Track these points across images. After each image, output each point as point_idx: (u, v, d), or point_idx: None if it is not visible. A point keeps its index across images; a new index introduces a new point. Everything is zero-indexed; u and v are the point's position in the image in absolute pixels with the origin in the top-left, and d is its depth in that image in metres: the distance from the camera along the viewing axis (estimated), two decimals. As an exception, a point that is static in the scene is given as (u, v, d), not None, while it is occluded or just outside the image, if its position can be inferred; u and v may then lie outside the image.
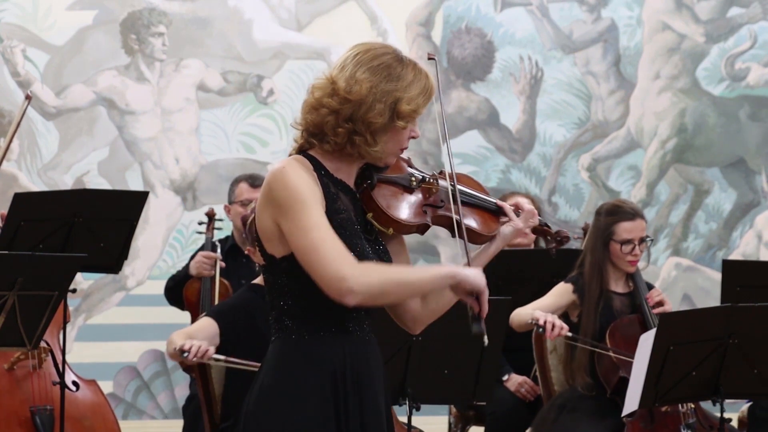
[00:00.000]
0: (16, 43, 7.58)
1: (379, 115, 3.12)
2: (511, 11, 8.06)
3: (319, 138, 3.16)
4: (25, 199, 5.52)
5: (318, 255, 3.04)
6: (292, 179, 3.08)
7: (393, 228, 3.22)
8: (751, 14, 8.27)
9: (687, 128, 8.20)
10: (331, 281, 3.03)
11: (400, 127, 3.16)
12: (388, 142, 3.17)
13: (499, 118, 8.06)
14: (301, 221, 3.06)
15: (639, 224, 5.43)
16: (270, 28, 7.77)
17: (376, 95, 3.12)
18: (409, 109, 3.16)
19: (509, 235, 3.40)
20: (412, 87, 3.16)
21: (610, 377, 5.33)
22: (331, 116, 3.13)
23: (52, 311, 4.90)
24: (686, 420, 5.25)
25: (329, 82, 3.14)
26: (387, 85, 3.13)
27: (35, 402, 5.50)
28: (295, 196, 3.07)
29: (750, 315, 4.75)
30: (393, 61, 3.16)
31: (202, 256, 6.27)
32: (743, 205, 8.24)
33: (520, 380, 6.02)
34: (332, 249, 3.04)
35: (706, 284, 8.11)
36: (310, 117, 3.16)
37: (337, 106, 3.12)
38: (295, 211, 3.07)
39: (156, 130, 7.69)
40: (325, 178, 3.16)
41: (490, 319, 4.92)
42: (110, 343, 7.55)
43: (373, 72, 3.13)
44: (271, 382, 3.16)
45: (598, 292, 5.41)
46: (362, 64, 3.14)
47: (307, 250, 3.05)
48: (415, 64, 3.19)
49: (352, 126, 3.12)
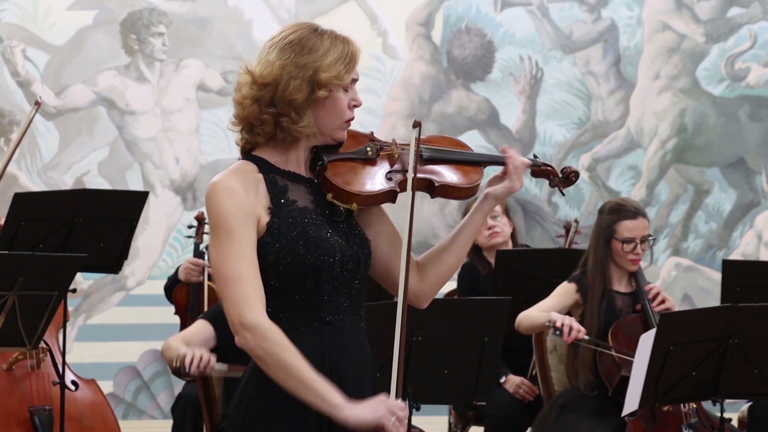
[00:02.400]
0: (16, 43, 7.58)
1: (297, 90, 3.07)
2: (511, 11, 8.06)
3: (248, 131, 3.14)
4: (25, 199, 5.52)
5: (230, 290, 3.02)
6: (219, 202, 3.05)
7: (356, 202, 3.16)
8: (751, 14, 8.27)
9: (687, 128, 8.20)
10: (232, 319, 3.01)
11: (322, 96, 3.09)
12: (322, 116, 3.12)
13: (499, 118, 8.06)
14: (221, 249, 3.03)
15: (641, 223, 5.43)
16: (270, 28, 7.77)
17: (290, 72, 3.07)
18: (330, 77, 3.09)
19: (502, 193, 3.27)
20: (328, 54, 3.09)
21: (612, 377, 5.33)
22: (254, 106, 3.10)
23: (52, 311, 4.90)
24: (688, 420, 5.25)
25: (247, 74, 3.12)
26: (300, 59, 3.08)
27: (34, 402, 5.50)
28: (219, 221, 3.04)
29: (750, 315, 4.75)
30: (307, 33, 3.11)
31: (190, 263, 6.28)
32: (743, 205, 8.24)
33: (518, 381, 6.02)
34: (244, 287, 3.01)
35: (706, 284, 8.10)
36: (237, 112, 3.14)
37: (257, 93, 3.09)
38: (218, 237, 3.05)
39: (156, 130, 7.69)
40: (270, 174, 3.12)
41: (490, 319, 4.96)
42: (110, 343, 7.55)
43: (283, 50, 3.09)
44: (253, 385, 3.13)
45: (601, 290, 5.41)
46: (274, 47, 3.11)
47: (221, 278, 3.03)
48: (332, 32, 3.14)
49: (275, 110, 3.09)
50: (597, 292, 5.40)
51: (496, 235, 6.26)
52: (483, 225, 3.30)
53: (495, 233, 6.26)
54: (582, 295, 5.44)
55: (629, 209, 5.45)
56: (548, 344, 5.72)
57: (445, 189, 3.24)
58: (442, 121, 7.98)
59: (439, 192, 3.24)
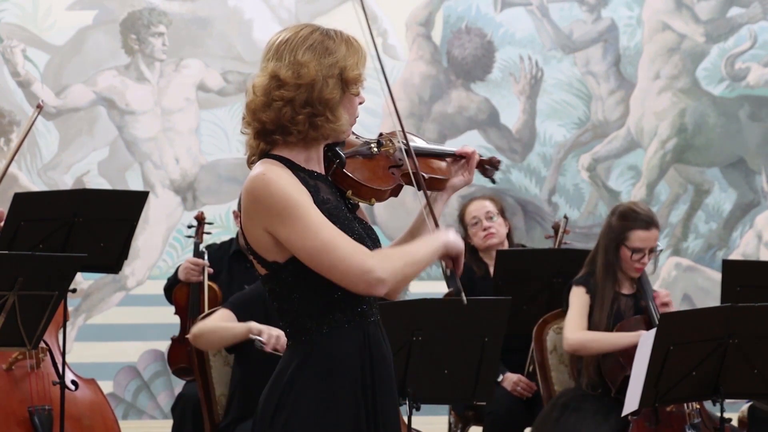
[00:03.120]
0: (16, 43, 7.57)
1: (334, 89, 3.12)
2: (511, 11, 8.06)
3: (281, 133, 3.12)
4: (25, 199, 5.52)
5: (335, 254, 3.02)
6: (278, 184, 3.06)
7: (375, 198, 3.21)
8: (751, 14, 8.27)
9: (687, 128, 8.20)
10: (357, 276, 3.03)
11: (354, 93, 3.17)
12: (345, 115, 3.17)
13: (499, 118, 8.05)
14: (303, 224, 3.03)
15: (653, 234, 5.41)
16: (270, 28, 7.76)
17: (324, 71, 3.12)
18: (356, 75, 3.16)
19: (459, 185, 3.43)
20: (349, 55, 3.16)
21: (615, 376, 5.32)
22: (286, 107, 3.10)
23: (52, 311, 4.90)
24: (691, 420, 5.25)
25: (271, 77, 3.12)
26: (329, 59, 3.13)
27: (33, 402, 5.50)
28: (287, 201, 3.04)
29: (750, 315, 4.75)
30: (323, 36, 3.17)
31: (189, 263, 6.27)
32: (743, 205, 8.23)
33: (515, 379, 6.03)
34: (347, 245, 3.04)
35: (706, 284, 8.10)
36: (266, 115, 3.12)
37: (291, 94, 3.10)
38: (292, 216, 3.03)
39: (156, 130, 7.69)
40: (299, 173, 3.13)
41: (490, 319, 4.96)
42: (110, 343, 7.55)
43: (313, 51, 3.13)
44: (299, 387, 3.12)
45: (612, 293, 5.41)
46: (298, 47, 3.13)
47: (319, 251, 3.03)
48: (341, 33, 3.21)
49: (311, 110, 3.11)
50: (607, 296, 5.39)
51: (492, 236, 6.26)
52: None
53: (490, 234, 6.26)
54: (591, 296, 5.43)
55: (643, 219, 5.42)
56: (548, 344, 5.71)
57: (431, 182, 3.34)
58: (442, 121, 7.98)
59: (426, 185, 3.30)
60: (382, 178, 3.23)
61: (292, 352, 3.18)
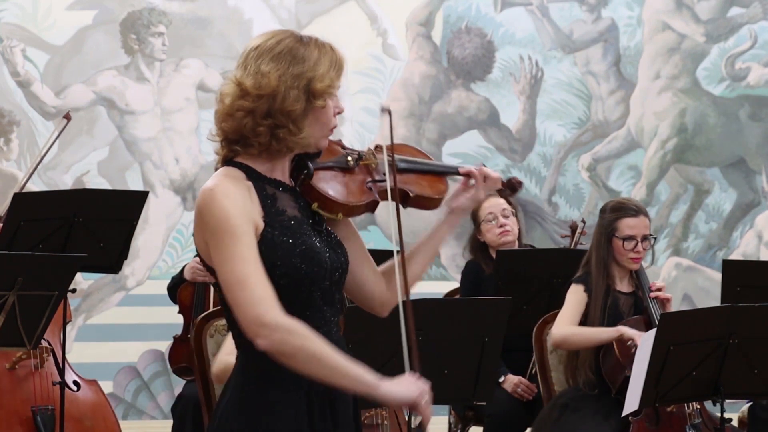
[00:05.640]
0: (16, 43, 7.58)
1: (296, 101, 3.00)
2: (511, 11, 8.06)
3: (242, 144, 3.04)
4: (25, 199, 5.52)
5: (241, 293, 2.92)
6: (220, 204, 2.96)
7: (341, 212, 3.10)
8: (751, 14, 8.27)
9: (687, 128, 8.20)
10: (250, 321, 2.92)
11: (320, 106, 3.03)
12: (313, 126, 3.05)
13: (499, 118, 8.06)
14: (227, 253, 2.94)
15: (642, 221, 5.42)
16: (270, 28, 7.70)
17: (287, 82, 3.00)
18: (324, 86, 3.03)
19: (466, 205, 3.31)
20: (319, 64, 3.03)
21: (615, 376, 5.32)
22: (247, 118, 3.01)
23: (52, 311, 4.90)
24: (692, 420, 5.25)
25: (236, 85, 3.03)
26: (294, 68, 3.01)
27: (36, 402, 5.50)
28: (223, 224, 2.94)
29: (750, 315, 4.75)
30: (293, 43, 3.04)
31: (196, 263, 6.26)
32: (743, 205, 8.24)
33: (516, 380, 6.02)
34: (258, 290, 2.92)
35: (706, 284, 8.10)
36: (227, 125, 3.03)
37: (251, 105, 3.00)
38: (222, 241, 2.94)
39: (156, 130, 7.69)
40: (258, 182, 3.04)
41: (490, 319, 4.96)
42: (110, 343, 7.55)
43: (277, 60, 3.02)
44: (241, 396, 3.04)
45: (605, 288, 5.41)
46: (263, 56, 3.03)
47: (230, 284, 2.94)
48: (316, 40, 3.07)
49: (272, 121, 3.00)
50: (600, 291, 5.40)
51: (507, 233, 6.23)
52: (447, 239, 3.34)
53: (506, 231, 6.23)
54: (588, 294, 5.43)
55: (630, 207, 5.45)
56: (548, 344, 5.71)
57: (418, 200, 3.22)
58: (442, 121, 7.98)
59: (413, 203, 3.22)
60: (354, 192, 3.12)
61: (237, 365, 3.10)
